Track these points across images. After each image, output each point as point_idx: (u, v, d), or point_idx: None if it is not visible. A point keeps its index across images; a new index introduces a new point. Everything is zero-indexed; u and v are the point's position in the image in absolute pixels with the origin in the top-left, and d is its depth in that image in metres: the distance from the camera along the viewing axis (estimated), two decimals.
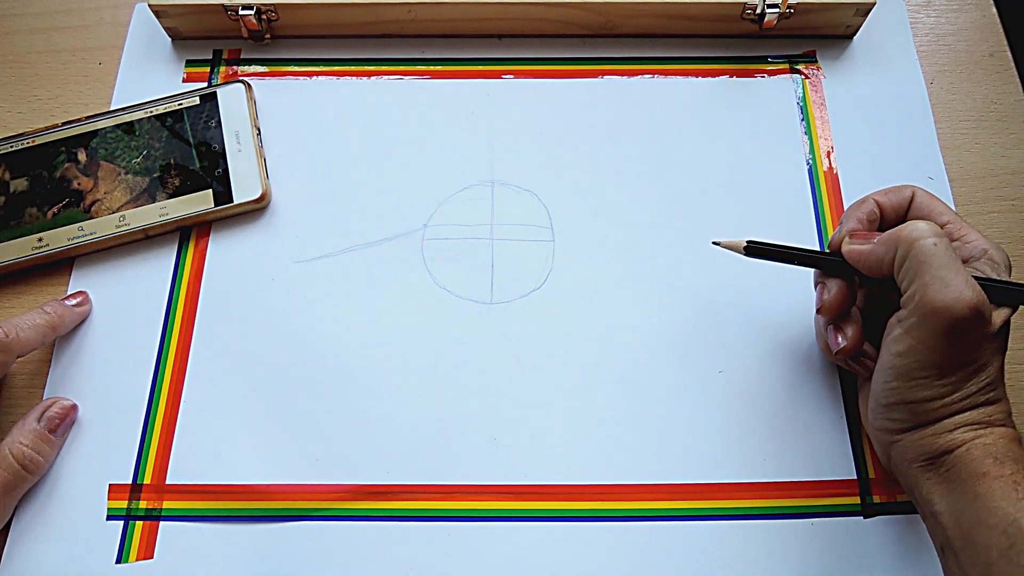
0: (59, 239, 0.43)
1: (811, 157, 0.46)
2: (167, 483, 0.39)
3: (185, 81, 0.49)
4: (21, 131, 0.46)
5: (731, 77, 0.49)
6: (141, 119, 0.46)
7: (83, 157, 0.45)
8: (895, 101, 0.48)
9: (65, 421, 0.40)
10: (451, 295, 0.43)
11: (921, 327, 0.32)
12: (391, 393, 0.41)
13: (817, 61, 0.49)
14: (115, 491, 0.39)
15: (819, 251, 0.38)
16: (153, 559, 0.38)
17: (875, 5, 0.47)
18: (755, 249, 0.38)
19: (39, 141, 0.46)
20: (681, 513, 0.39)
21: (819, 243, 0.44)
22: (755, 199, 0.45)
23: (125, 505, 0.39)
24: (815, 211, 0.45)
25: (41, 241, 0.43)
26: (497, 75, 0.49)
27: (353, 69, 0.49)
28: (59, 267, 0.44)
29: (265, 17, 0.48)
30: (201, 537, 0.38)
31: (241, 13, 0.47)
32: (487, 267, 0.44)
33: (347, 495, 0.39)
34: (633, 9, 0.47)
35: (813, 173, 0.46)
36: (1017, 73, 0.49)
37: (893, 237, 0.33)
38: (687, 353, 0.42)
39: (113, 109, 0.47)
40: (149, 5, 0.47)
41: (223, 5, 0.47)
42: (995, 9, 0.51)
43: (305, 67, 0.49)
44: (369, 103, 0.48)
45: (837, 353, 0.37)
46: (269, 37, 0.49)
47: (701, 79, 0.49)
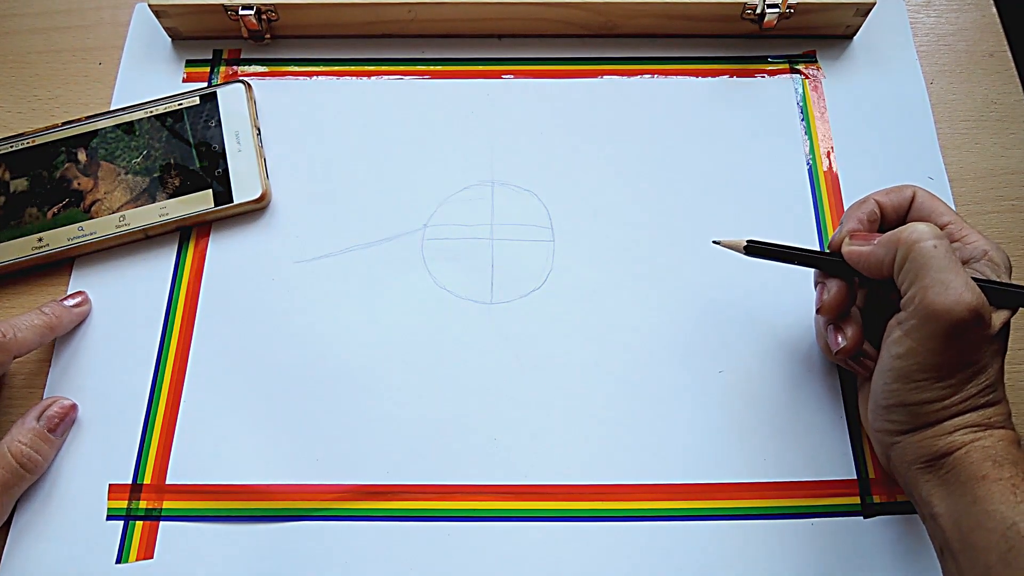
0: (59, 239, 0.43)
1: (811, 157, 0.46)
2: (167, 483, 0.39)
3: (185, 81, 0.49)
4: (21, 131, 0.46)
5: (731, 77, 0.49)
6: (141, 119, 0.46)
7: (83, 157, 0.45)
8: (895, 101, 0.48)
9: (65, 420, 0.40)
10: (451, 295, 0.43)
11: (921, 329, 0.32)
12: (391, 393, 0.41)
13: (817, 61, 0.49)
14: (115, 491, 0.39)
15: (819, 251, 0.38)
16: (153, 559, 0.38)
17: (875, 5, 0.47)
18: (755, 249, 0.38)
19: (39, 141, 0.46)
20: (681, 513, 0.39)
21: (819, 243, 0.44)
22: (755, 199, 0.45)
23: (125, 505, 0.39)
24: (815, 211, 0.45)
25: (41, 241, 0.43)
26: (497, 75, 0.49)
27: (353, 69, 0.49)
28: (59, 267, 0.44)
29: (265, 17, 0.48)
30: (201, 537, 0.38)
31: (241, 13, 0.47)
32: (487, 267, 0.44)
33: (347, 495, 0.39)
34: (633, 9, 0.47)
35: (813, 173, 0.46)
36: (1017, 73, 0.49)
37: (893, 239, 0.33)
38: (687, 353, 0.42)
39: (113, 109, 0.47)
40: (149, 5, 0.47)
41: (223, 5, 0.47)
42: (995, 9, 0.51)
43: (305, 67, 0.49)
44: (369, 103, 0.48)
45: (837, 353, 0.37)
46: (269, 37, 0.49)
47: (701, 79, 0.49)
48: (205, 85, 0.48)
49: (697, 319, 0.43)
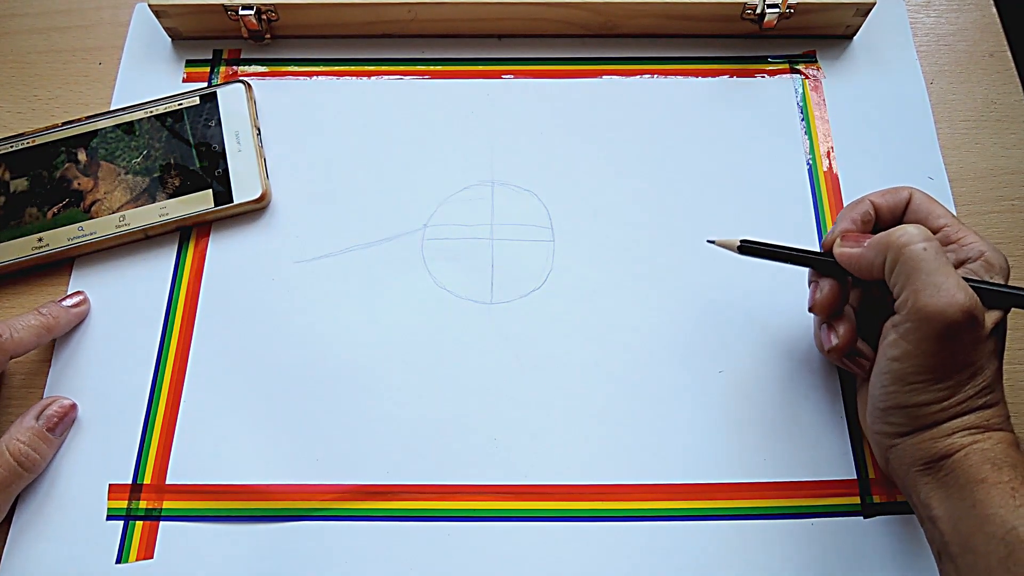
0: (59, 239, 0.43)
1: (811, 157, 0.46)
2: (167, 483, 0.39)
3: (185, 81, 0.49)
4: (21, 131, 0.46)
5: (731, 77, 0.49)
6: (141, 119, 0.46)
7: (83, 157, 0.45)
8: (895, 101, 0.48)
9: (64, 420, 0.40)
10: (451, 295, 0.43)
11: (915, 332, 0.32)
12: (391, 393, 0.41)
13: (817, 61, 0.49)
14: (115, 491, 0.39)
15: (812, 251, 0.38)
16: (153, 559, 0.38)
17: (875, 5, 0.47)
18: (749, 248, 0.38)
19: (39, 141, 0.46)
20: (681, 513, 0.39)
21: (818, 243, 0.44)
22: (755, 199, 0.45)
23: (125, 505, 0.39)
24: (815, 211, 0.45)
25: (41, 241, 0.43)
26: (497, 75, 0.49)
27: (353, 69, 0.49)
28: (59, 267, 0.44)
29: (265, 17, 0.48)
30: (201, 537, 0.38)
31: (241, 13, 0.47)
32: (487, 267, 0.44)
33: (347, 495, 0.39)
34: (633, 9, 0.47)
35: (813, 173, 0.46)
36: (1017, 73, 0.49)
37: (882, 242, 0.33)
38: (687, 353, 0.42)
39: (113, 109, 0.47)
40: (149, 5, 0.47)
41: (223, 5, 0.47)
42: (995, 9, 0.51)
43: (305, 67, 0.49)
44: (369, 103, 0.48)
45: (829, 351, 0.37)
46: (269, 37, 0.49)
47: (701, 79, 0.49)
48: (205, 85, 0.48)
49: (697, 319, 0.42)
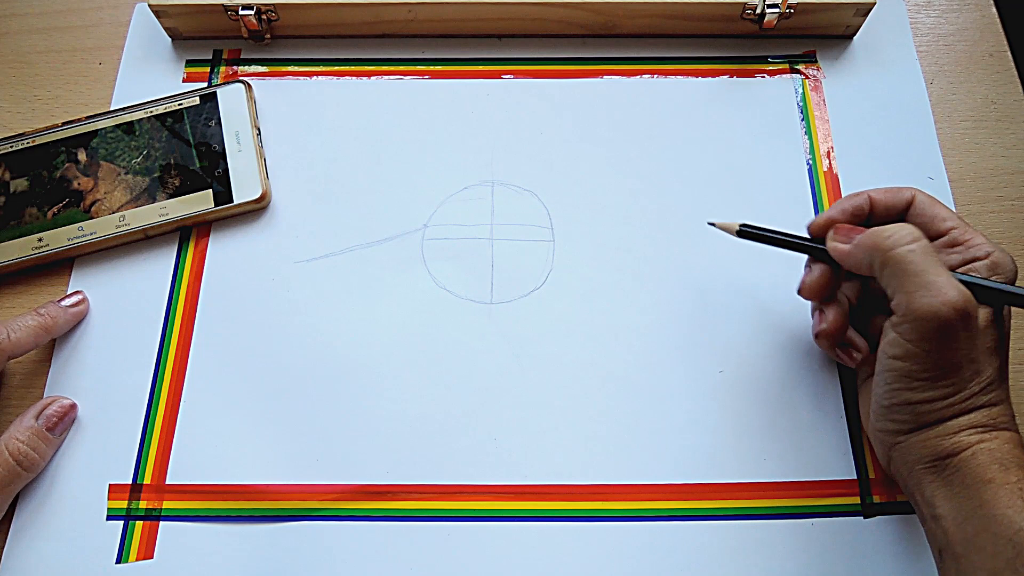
0: (59, 239, 0.43)
1: (811, 157, 0.46)
2: (167, 483, 0.39)
3: (185, 81, 0.49)
4: (21, 131, 0.46)
5: (731, 77, 0.49)
6: (141, 119, 0.46)
7: (83, 157, 0.45)
8: (895, 101, 0.48)
9: (64, 420, 0.40)
10: (451, 295, 0.43)
11: (913, 332, 0.32)
12: (391, 393, 0.41)
13: (817, 61, 0.49)
14: (115, 491, 0.39)
15: (808, 238, 0.38)
16: (153, 559, 0.38)
17: (875, 5, 0.47)
18: (747, 232, 0.38)
19: (39, 141, 0.46)
20: (681, 513, 0.39)
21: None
22: (755, 199, 0.45)
23: (125, 505, 0.39)
24: (815, 211, 0.45)
25: (41, 241, 0.43)
26: (497, 75, 0.49)
27: (353, 69, 0.49)
28: (59, 267, 0.44)
29: (265, 17, 0.48)
30: (201, 537, 0.38)
31: (241, 13, 0.47)
32: (487, 267, 0.44)
33: (347, 495, 0.39)
34: (633, 9, 0.47)
35: (813, 173, 0.46)
36: (1017, 73, 0.49)
37: (869, 244, 0.33)
38: (687, 353, 0.42)
39: (113, 109, 0.47)
40: (149, 5, 0.47)
41: (223, 5, 0.47)
42: (995, 9, 0.51)
43: (305, 67, 0.49)
44: (369, 103, 0.48)
45: (817, 336, 0.38)
46: (269, 37, 0.49)
47: (701, 79, 0.49)
48: (205, 85, 0.48)
49: (697, 319, 0.42)
